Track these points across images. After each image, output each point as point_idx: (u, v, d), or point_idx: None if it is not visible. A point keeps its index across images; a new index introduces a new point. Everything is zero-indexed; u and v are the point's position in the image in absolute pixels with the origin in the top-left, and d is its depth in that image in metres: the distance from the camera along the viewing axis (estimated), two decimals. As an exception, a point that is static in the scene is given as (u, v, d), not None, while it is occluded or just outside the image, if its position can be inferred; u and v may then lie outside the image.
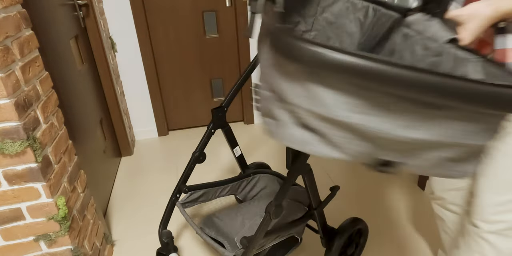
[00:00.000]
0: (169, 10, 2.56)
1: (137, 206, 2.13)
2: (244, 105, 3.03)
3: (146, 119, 2.89)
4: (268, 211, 1.19)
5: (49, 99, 1.31)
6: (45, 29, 1.55)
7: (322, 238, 1.53)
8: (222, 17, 2.67)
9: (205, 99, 2.97)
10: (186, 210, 1.52)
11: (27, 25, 1.20)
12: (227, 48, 2.80)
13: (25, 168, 1.15)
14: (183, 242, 1.84)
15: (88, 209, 1.56)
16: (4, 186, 1.16)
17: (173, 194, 1.55)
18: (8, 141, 1.09)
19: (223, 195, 1.68)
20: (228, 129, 1.64)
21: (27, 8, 1.23)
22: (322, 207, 1.46)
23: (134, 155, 2.73)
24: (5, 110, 1.06)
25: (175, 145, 2.83)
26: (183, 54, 2.73)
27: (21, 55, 1.14)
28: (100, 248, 1.64)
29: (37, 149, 1.15)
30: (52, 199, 1.23)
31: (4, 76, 1.03)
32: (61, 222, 1.28)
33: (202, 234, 1.41)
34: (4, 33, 1.05)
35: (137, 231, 1.94)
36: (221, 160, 2.56)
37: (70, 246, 1.34)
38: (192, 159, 1.55)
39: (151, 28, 2.58)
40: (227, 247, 1.36)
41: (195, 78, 2.86)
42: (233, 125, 3.04)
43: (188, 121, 3.04)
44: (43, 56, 1.32)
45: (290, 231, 1.44)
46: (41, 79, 1.26)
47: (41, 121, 1.22)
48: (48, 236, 1.29)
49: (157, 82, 2.75)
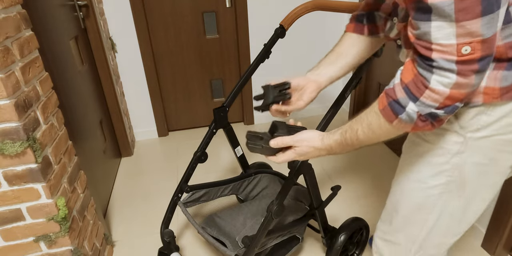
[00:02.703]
0: (169, 10, 2.55)
1: (137, 207, 2.13)
2: (244, 105, 3.03)
3: (146, 119, 2.89)
4: (269, 211, 1.19)
5: (49, 100, 1.31)
6: (45, 30, 1.55)
7: (323, 237, 1.53)
8: (222, 17, 2.67)
9: (205, 99, 2.97)
10: (188, 209, 1.51)
11: (27, 25, 1.20)
12: (227, 49, 2.80)
13: (25, 169, 1.15)
14: (185, 241, 1.84)
15: (88, 209, 1.55)
16: (4, 186, 1.16)
17: (175, 193, 1.55)
18: (8, 142, 1.09)
19: (225, 194, 1.68)
20: (230, 129, 1.64)
21: (27, 9, 1.23)
22: (323, 207, 1.46)
23: (134, 155, 2.72)
24: (5, 110, 1.05)
25: (175, 145, 2.82)
26: (183, 54, 2.73)
27: (21, 55, 1.14)
28: (100, 249, 1.64)
29: (37, 149, 1.15)
30: (52, 200, 1.23)
31: (4, 77, 1.03)
32: (61, 222, 1.28)
33: (203, 233, 1.41)
34: (4, 33, 1.04)
35: (137, 231, 1.93)
36: (223, 160, 2.56)
37: (70, 246, 1.33)
38: (194, 159, 1.55)
39: (151, 28, 2.58)
40: (229, 246, 1.36)
41: (195, 78, 2.86)
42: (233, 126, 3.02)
43: (188, 122, 3.04)
44: (43, 57, 1.32)
45: (291, 230, 1.44)
46: (41, 80, 1.26)
47: (41, 122, 1.22)
48: (48, 236, 1.29)
49: (157, 82, 2.75)
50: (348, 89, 1.23)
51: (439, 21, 0.59)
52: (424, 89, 0.64)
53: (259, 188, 1.78)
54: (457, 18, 0.57)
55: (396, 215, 0.93)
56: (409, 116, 0.67)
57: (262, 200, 1.69)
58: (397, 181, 0.92)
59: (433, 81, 0.63)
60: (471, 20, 0.57)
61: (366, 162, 2.43)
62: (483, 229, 1.68)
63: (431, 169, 0.82)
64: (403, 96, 0.67)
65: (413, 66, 0.66)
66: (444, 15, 0.57)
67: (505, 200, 1.54)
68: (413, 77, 0.66)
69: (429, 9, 0.58)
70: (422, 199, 0.86)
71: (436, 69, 0.62)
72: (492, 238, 1.64)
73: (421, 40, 0.63)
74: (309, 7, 1.46)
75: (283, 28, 1.49)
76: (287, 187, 1.22)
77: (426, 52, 0.62)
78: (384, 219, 0.99)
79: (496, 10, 0.57)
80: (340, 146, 0.83)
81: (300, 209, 1.54)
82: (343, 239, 1.50)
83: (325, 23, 2.80)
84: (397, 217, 0.93)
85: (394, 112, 0.69)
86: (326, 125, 1.22)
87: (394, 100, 0.69)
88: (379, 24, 0.99)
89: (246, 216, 1.58)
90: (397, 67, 0.73)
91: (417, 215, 0.89)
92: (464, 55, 0.59)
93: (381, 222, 1.00)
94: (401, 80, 0.68)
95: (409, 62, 0.68)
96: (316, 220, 1.49)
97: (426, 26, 0.60)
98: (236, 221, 1.54)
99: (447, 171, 0.80)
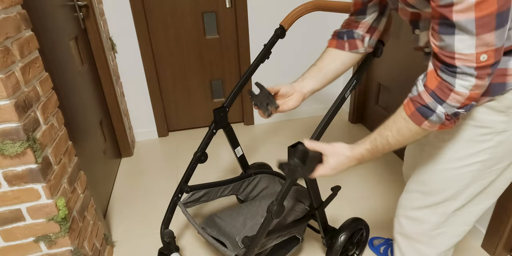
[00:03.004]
0: (169, 11, 2.56)
1: (137, 207, 2.13)
2: (244, 106, 3.03)
3: (146, 120, 2.89)
4: (269, 211, 1.19)
5: (49, 100, 1.31)
6: (45, 30, 1.55)
7: (323, 237, 1.53)
8: (222, 18, 2.67)
9: (205, 100, 2.97)
10: (188, 210, 1.51)
11: (27, 26, 1.20)
12: (227, 49, 2.80)
13: (25, 169, 1.15)
14: (185, 242, 1.84)
15: (88, 210, 1.55)
16: (4, 187, 1.16)
17: (175, 194, 1.55)
18: (8, 142, 1.09)
19: (225, 195, 1.68)
20: (230, 129, 1.64)
21: (27, 9, 1.23)
22: (323, 207, 1.46)
23: (134, 156, 2.72)
24: (5, 111, 1.05)
25: (175, 146, 2.82)
26: (183, 55, 2.73)
27: (21, 56, 1.14)
28: (100, 249, 1.63)
29: (37, 150, 1.15)
30: (52, 200, 1.23)
31: (4, 77, 1.03)
32: (61, 223, 1.28)
33: (203, 233, 1.41)
34: (4, 34, 1.04)
35: (137, 232, 1.93)
36: (223, 161, 2.56)
37: (70, 247, 1.33)
38: (194, 159, 1.55)
39: (151, 29, 2.58)
40: (229, 246, 1.36)
41: (195, 79, 2.86)
42: (234, 126, 3.01)
43: (188, 122, 3.04)
44: (43, 57, 1.32)
45: (291, 230, 1.44)
46: (41, 80, 1.26)
47: (41, 122, 1.22)
48: (48, 237, 1.29)
49: (157, 83, 2.75)
50: (348, 90, 1.23)
51: (461, 35, 0.70)
52: (450, 92, 0.76)
53: (259, 189, 1.78)
54: (477, 32, 0.69)
55: (427, 192, 1.02)
56: (439, 117, 0.79)
57: (262, 200, 1.69)
58: (430, 161, 1.00)
59: (457, 85, 0.75)
60: (488, 33, 0.69)
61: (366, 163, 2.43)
62: (483, 229, 1.68)
63: (473, 147, 0.91)
64: (431, 100, 0.79)
65: (436, 74, 0.78)
66: (467, 30, 0.69)
67: (505, 201, 1.54)
68: (437, 84, 0.77)
69: (453, 25, 0.70)
70: (458, 175, 0.96)
71: (459, 74, 0.74)
72: (492, 238, 1.64)
73: (445, 50, 0.74)
74: (309, 8, 1.46)
75: (283, 28, 1.49)
76: (287, 187, 1.22)
77: (450, 60, 0.74)
78: (410, 197, 1.07)
79: (506, 25, 0.69)
80: (370, 153, 0.94)
81: (300, 210, 1.54)
82: (343, 239, 1.50)
83: (325, 23, 2.80)
84: (428, 194, 1.02)
85: (424, 115, 0.81)
86: (326, 126, 1.21)
87: (423, 105, 0.80)
88: (358, 40, 1.12)
89: (246, 216, 1.58)
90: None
91: (449, 191, 0.98)
92: (482, 62, 0.72)
93: (407, 200, 1.08)
94: (427, 87, 0.79)
95: (431, 72, 0.79)
96: (316, 221, 1.49)
97: (450, 39, 0.72)
98: (236, 222, 1.54)
99: (490, 149, 0.90)
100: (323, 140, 1.05)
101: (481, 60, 0.71)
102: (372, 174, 2.32)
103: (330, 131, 2.78)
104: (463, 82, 0.74)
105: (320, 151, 0.97)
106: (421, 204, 1.05)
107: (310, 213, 1.49)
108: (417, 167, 1.07)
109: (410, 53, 2.17)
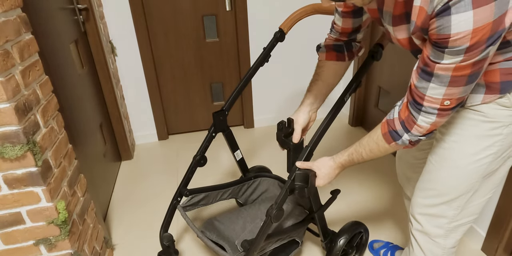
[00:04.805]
0: (169, 14, 2.56)
1: (137, 210, 2.13)
2: (244, 109, 3.03)
3: (146, 123, 2.89)
4: (269, 215, 1.19)
5: (49, 103, 1.31)
6: (45, 33, 1.56)
7: (323, 241, 1.52)
8: (222, 21, 2.68)
9: (205, 103, 2.97)
10: (187, 213, 1.51)
11: (27, 29, 1.20)
12: (227, 52, 2.80)
13: (25, 172, 1.15)
14: (184, 245, 1.83)
15: (88, 213, 1.55)
16: (4, 190, 1.16)
17: (174, 197, 1.55)
18: (8, 145, 1.09)
19: (224, 198, 1.68)
20: (229, 133, 1.64)
21: (27, 12, 1.23)
22: (322, 211, 1.45)
23: (134, 159, 2.72)
24: (5, 114, 1.06)
25: (175, 149, 2.82)
26: (183, 58, 2.74)
27: (21, 59, 1.14)
28: (100, 252, 1.63)
29: (37, 153, 1.15)
30: (52, 203, 1.23)
31: (4, 80, 1.03)
32: (61, 226, 1.27)
33: (203, 237, 1.40)
34: (4, 37, 1.05)
35: (137, 235, 1.93)
36: (222, 164, 2.56)
37: (70, 250, 1.33)
38: (193, 163, 1.55)
39: (151, 32, 2.59)
40: (228, 250, 1.36)
41: (195, 82, 2.86)
42: (233, 129, 3.01)
43: (188, 125, 3.04)
44: (43, 60, 1.32)
45: (291, 234, 1.44)
46: (41, 83, 1.26)
47: (41, 125, 1.22)
48: (48, 240, 1.29)
49: (157, 86, 2.76)
50: (347, 93, 1.24)
51: (435, 84, 0.83)
52: (413, 124, 0.92)
53: (258, 192, 1.78)
54: (449, 85, 0.82)
55: (441, 190, 1.09)
56: (403, 142, 0.97)
57: (262, 204, 1.69)
58: (441, 160, 1.07)
59: (420, 120, 0.91)
60: (457, 87, 0.82)
61: (366, 166, 2.43)
62: (483, 232, 1.68)
63: (485, 142, 0.99)
64: (400, 128, 0.95)
65: (407, 107, 0.93)
66: (441, 82, 0.82)
67: (505, 204, 1.54)
68: (406, 116, 0.93)
69: (432, 74, 0.82)
70: (472, 170, 1.02)
71: (423, 112, 0.89)
72: (492, 241, 1.64)
73: (418, 90, 0.87)
74: (308, 11, 1.47)
75: (283, 31, 1.50)
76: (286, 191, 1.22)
77: (420, 100, 0.88)
78: (425, 195, 1.13)
79: (475, 81, 0.83)
80: (349, 163, 1.14)
81: (300, 213, 1.54)
82: (343, 243, 1.50)
83: (324, 27, 2.80)
84: (442, 191, 1.08)
85: (393, 138, 0.98)
86: (326, 129, 1.22)
87: (393, 130, 0.97)
88: (354, 50, 1.28)
89: (245, 220, 1.57)
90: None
91: (464, 186, 1.05)
92: (445, 106, 0.86)
93: (422, 198, 1.15)
94: (400, 116, 0.95)
95: (405, 104, 0.94)
96: (316, 224, 1.49)
97: (426, 84, 0.85)
98: (236, 225, 1.54)
99: (500, 141, 0.98)
100: (324, 142, 1.09)
101: (444, 104, 0.86)
102: (372, 177, 2.32)
103: (330, 134, 2.77)
104: (425, 119, 0.90)
105: (311, 168, 1.17)
106: (436, 202, 1.10)
107: (310, 217, 1.49)
108: (426, 167, 1.13)
109: (410, 57, 2.17)
